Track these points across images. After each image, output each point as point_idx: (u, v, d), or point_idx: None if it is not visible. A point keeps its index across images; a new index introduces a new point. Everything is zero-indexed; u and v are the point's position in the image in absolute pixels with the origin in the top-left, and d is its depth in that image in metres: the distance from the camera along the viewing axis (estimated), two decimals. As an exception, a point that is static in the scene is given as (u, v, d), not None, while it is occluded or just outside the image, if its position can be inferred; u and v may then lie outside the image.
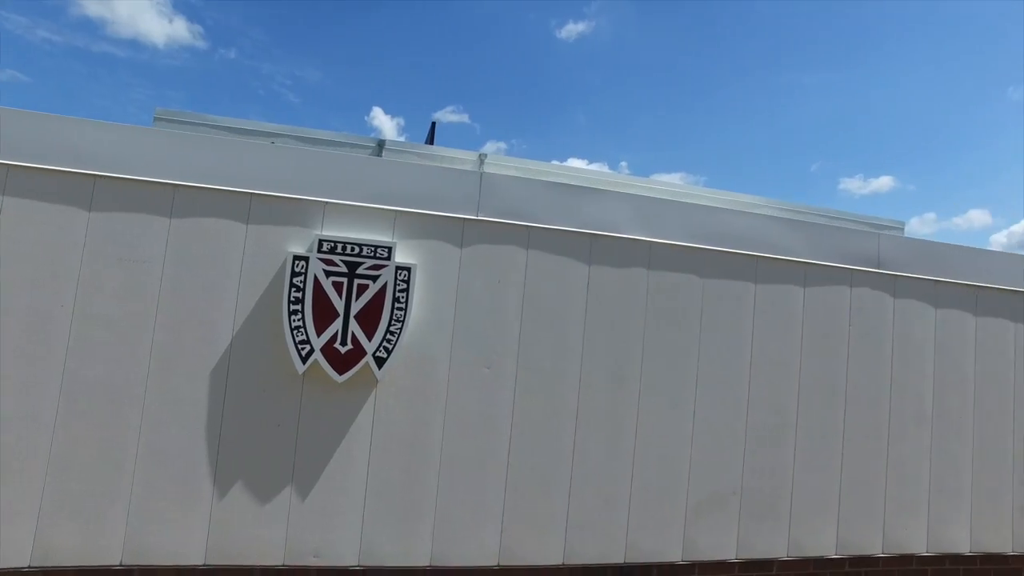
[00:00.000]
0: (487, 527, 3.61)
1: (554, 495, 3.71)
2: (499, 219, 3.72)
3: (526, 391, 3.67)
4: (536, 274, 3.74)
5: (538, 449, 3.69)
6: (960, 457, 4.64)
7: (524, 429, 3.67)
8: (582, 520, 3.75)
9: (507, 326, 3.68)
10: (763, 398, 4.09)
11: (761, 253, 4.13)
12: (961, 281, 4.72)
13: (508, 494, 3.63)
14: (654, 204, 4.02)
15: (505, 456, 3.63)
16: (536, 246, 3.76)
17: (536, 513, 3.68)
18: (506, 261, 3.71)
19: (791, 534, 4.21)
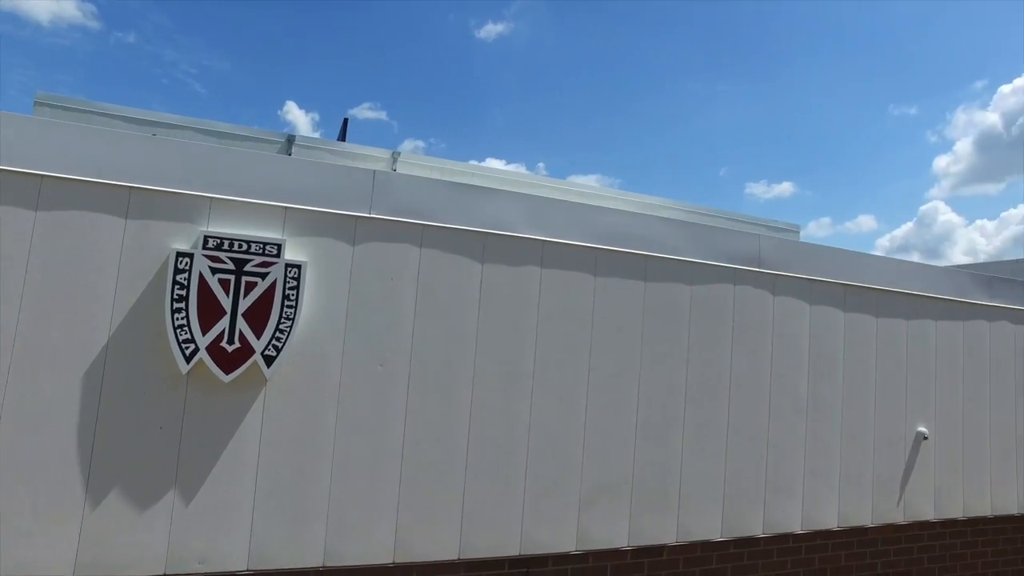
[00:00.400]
0: (382, 524, 3.61)
1: (449, 490, 3.75)
2: (393, 217, 3.73)
3: (420, 388, 3.70)
4: (430, 272, 3.78)
5: (433, 445, 3.72)
6: (830, 442, 5.01)
7: (418, 425, 3.69)
8: (477, 514, 3.81)
9: (401, 324, 3.69)
10: (652, 392, 4.29)
11: (650, 252, 4.32)
12: (833, 280, 5.10)
13: (403, 490, 3.65)
14: (547, 204, 4.14)
15: (399, 452, 3.64)
16: (430, 244, 3.80)
17: (431, 508, 3.71)
18: (400, 259, 3.73)
19: (680, 520, 4.43)
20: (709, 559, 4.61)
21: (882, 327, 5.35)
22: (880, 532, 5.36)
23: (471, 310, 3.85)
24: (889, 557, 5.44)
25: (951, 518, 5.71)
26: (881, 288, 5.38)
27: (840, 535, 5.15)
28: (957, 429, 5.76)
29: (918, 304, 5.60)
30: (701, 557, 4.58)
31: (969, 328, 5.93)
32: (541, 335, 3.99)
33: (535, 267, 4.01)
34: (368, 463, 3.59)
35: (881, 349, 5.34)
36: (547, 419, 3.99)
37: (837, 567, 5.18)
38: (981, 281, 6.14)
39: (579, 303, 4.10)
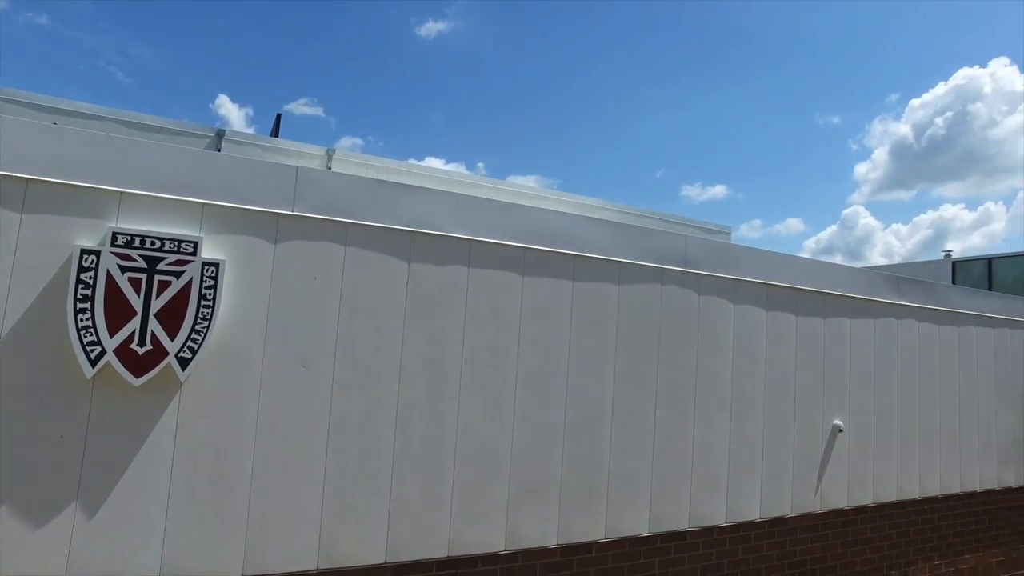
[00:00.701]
0: (305, 529, 3.51)
1: (375, 492, 3.68)
2: (317, 215, 3.64)
3: (345, 389, 3.62)
4: (355, 272, 3.70)
5: (358, 447, 3.65)
6: (753, 437, 5.19)
7: (343, 427, 3.61)
8: (404, 517, 3.75)
9: (325, 324, 3.60)
10: (580, 390, 4.33)
11: (578, 252, 4.36)
12: (755, 280, 5.28)
13: (327, 494, 3.56)
14: (475, 203, 4.12)
15: (323, 455, 3.55)
16: (356, 243, 3.72)
17: (357, 511, 3.63)
18: (324, 258, 3.64)
19: (608, 517, 4.49)
20: (637, 554, 4.69)
21: (801, 325, 5.57)
22: (799, 521, 5.58)
23: (397, 310, 3.80)
24: (807, 544, 5.67)
25: (862, 504, 6.00)
26: (800, 287, 5.60)
27: (762, 526, 5.33)
28: (868, 421, 6.06)
29: (834, 303, 5.87)
30: (629, 552, 4.66)
31: (880, 325, 6.24)
32: (469, 335, 3.97)
33: (463, 266, 3.98)
34: (290, 467, 3.49)
35: (800, 346, 5.56)
36: (475, 419, 3.97)
37: (759, 556, 5.36)
38: (891, 281, 6.48)
39: (507, 303, 4.10)
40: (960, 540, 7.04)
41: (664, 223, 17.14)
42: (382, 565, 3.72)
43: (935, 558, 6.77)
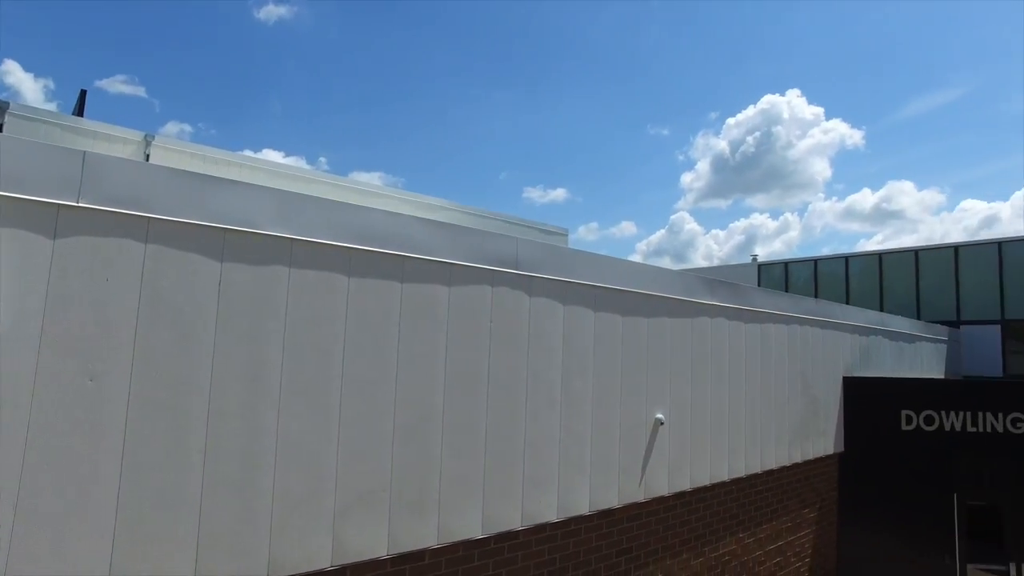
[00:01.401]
0: (93, 553, 3.08)
1: (181, 513, 3.33)
2: (109, 208, 3.22)
3: (143, 403, 3.23)
4: (158, 271, 3.33)
5: (160, 466, 3.27)
6: (582, 433, 5.39)
7: (141, 445, 3.22)
8: (216, 536, 3.43)
9: (119, 331, 3.20)
10: (409, 394, 4.23)
11: (407, 253, 4.27)
12: (584, 282, 5.50)
13: (121, 523, 3.15)
14: (297, 200, 3.88)
15: (115, 478, 3.14)
16: (158, 240, 3.34)
17: (158, 533, 3.26)
18: (119, 256, 3.23)
19: (440, 522, 4.42)
20: (471, 557, 4.68)
21: (626, 325, 5.89)
22: (625, 511, 5.89)
23: (208, 313, 3.47)
24: (633, 532, 6.01)
25: (681, 490, 6.47)
26: (626, 289, 5.93)
27: (592, 519, 5.56)
28: (686, 413, 6.56)
29: (656, 303, 6.28)
30: (463, 556, 4.63)
31: (696, 324, 6.78)
32: (290, 339, 3.73)
33: (283, 267, 3.73)
34: (74, 487, 3.04)
35: (626, 345, 5.87)
36: (297, 428, 3.74)
37: (589, 548, 5.58)
38: (706, 283, 7.07)
39: (332, 305, 3.90)
40: (759, 513, 7.85)
41: (504, 224, 17.52)
42: (189, 595, 3.36)
43: (740, 531, 7.48)
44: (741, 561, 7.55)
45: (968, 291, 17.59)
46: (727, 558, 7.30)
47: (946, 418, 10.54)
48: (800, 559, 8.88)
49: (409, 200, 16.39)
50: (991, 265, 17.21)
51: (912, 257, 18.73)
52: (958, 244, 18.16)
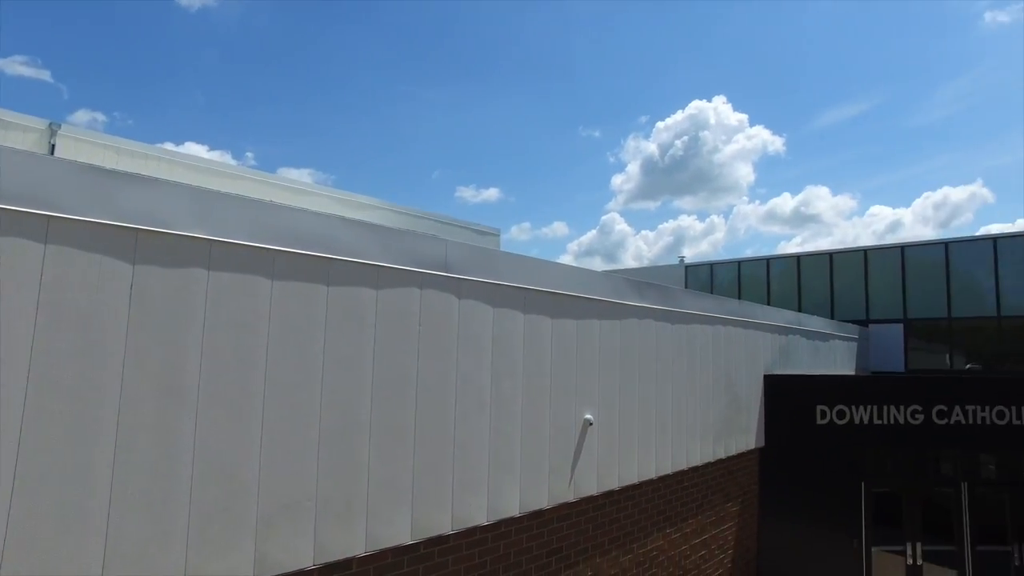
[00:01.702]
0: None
1: (83, 532, 3.12)
2: (3, 205, 2.99)
3: (41, 414, 3.02)
4: (59, 274, 3.11)
5: (60, 482, 3.06)
6: (512, 435, 5.40)
7: (38, 460, 3.00)
8: (125, 554, 3.24)
9: (14, 338, 2.97)
10: (336, 399, 4.13)
11: (334, 255, 4.16)
12: (514, 284, 5.51)
13: (11, 535, 2.93)
14: (216, 199, 3.72)
15: (6, 498, 2.92)
16: (60, 240, 3.13)
17: (54, 556, 3.04)
18: (12, 258, 3.00)
19: (368, 529, 4.33)
20: (400, 564, 4.60)
21: (556, 327, 5.94)
22: (555, 512, 5.94)
23: (118, 318, 3.27)
24: (563, 532, 6.07)
25: (610, 489, 6.59)
26: (556, 291, 5.98)
27: (522, 520, 5.58)
28: (614, 413, 6.68)
29: (586, 305, 6.36)
30: (392, 563, 4.56)
31: (625, 326, 6.92)
32: (208, 345, 3.56)
33: (201, 269, 3.57)
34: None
35: (555, 347, 5.93)
36: (216, 438, 3.58)
37: (520, 550, 5.60)
38: (634, 285, 7.22)
39: (253, 309, 3.76)
40: (686, 508, 8.08)
41: (437, 224, 17.40)
42: (95, 619, 3.16)
43: (667, 527, 7.68)
44: (668, 556, 7.76)
45: (875, 292, 18.69)
46: (655, 554, 7.48)
47: (856, 412, 11.16)
48: (723, 551, 9.20)
49: (339, 199, 16.02)
50: (895, 268, 18.35)
51: (827, 260, 19.74)
52: (867, 248, 19.27)
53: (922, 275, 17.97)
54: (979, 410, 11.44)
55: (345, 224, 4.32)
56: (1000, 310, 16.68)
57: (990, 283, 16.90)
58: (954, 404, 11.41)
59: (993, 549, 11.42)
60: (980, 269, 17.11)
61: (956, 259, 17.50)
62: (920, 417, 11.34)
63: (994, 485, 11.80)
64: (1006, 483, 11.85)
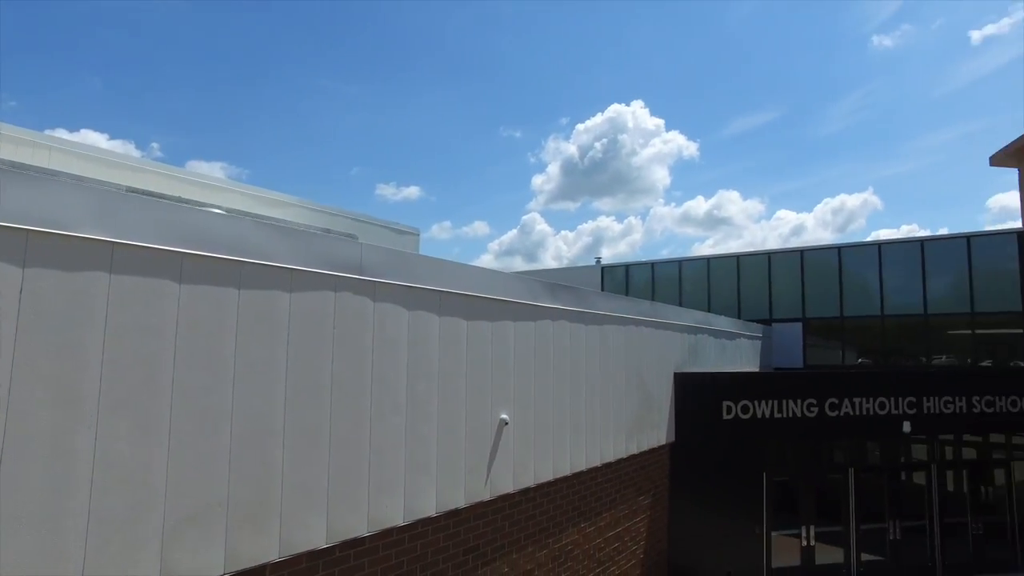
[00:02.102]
0: None
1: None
2: None
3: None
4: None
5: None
6: (427, 436, 5.46)
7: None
8: (17, 571, 3.10)
9: None
10: (248, 404, 4.07)
11: (245, 258, 4.11)
12: (429, 287, 5.58)
13: None
14: (119, 199, 3.60)
15: None
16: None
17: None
18: None
19: (282, 534, 4.30)
20: (315, 568, 4.58)
21: (471, 328, 6.05)
22: (472, 511, 6.04)
23: (6, 323, 3.12)
24: (480, 530, 6.18)
25: (526, 487, 6.75)
26: (471, 294, 6.08)
27: (439, 520, 5.65)
28: (530, 412, 6.85)
29: (500, 308, 6.50)
30: (307, 568, 4.53)
31: (539, 327, 7.11)
32: (110, 351, 3.45)
33: (102, 273, 3.45)
34: None
35: (470, 348, 6.03)
36: (118, 448, 3.47)
37: (437, 549, 5.67)
38: (547, 287, 7.42)
39: (160, 313, 3.67)
40: (599, 503, 8.38)
41: (355, 222, 17.09)
42: (-16, 640, 3.01)
43: (582, 522, 7.94)
44: (583, 549, 8.01)
45: (777, 292, 19.87)
46: (570, 548, 7.72)
47: (758, 407, 11.87)
48: (636, 543, 9.57)
49: (254, 195, 15.44)
50: (795, 270, 19.58)
51: (735, 262, 20.81)
52: (770, 251, 20.45)
53: (818, 277, 19.25)
54: (864, 402, 12.42)
55: (257, 226, 4.27)
56: (884, 310, 18.11)
57: (876, 285, 18.31)
58: (844, 397, 12.33)
59: (874, 527, 12.42)
60: (868, 272, 18.51)
61: (847, 263, 18.86)
62: (815, 410, 12.19)
63: (876, 470, 12.83)
64: (886, 468, 12.91)
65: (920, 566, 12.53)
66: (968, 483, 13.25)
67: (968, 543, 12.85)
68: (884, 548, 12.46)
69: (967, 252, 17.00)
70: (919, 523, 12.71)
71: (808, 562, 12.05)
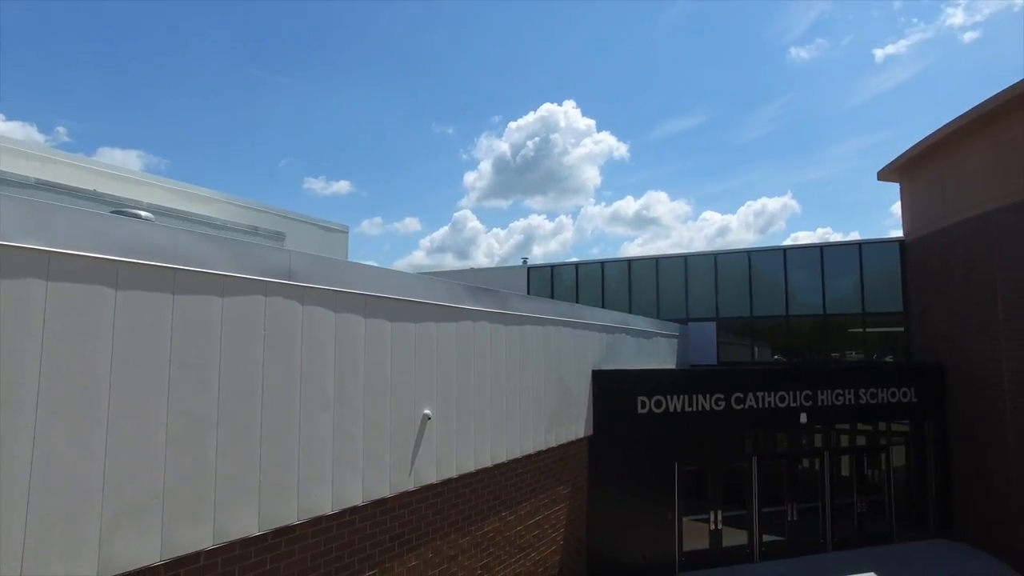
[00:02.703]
0: None
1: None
2: None
3: None
4: None
5: None
6: (354, 431, 5.85)
7: None
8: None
9: None
10: (183, 403, 4.37)
11: (180, 266, 4.40)
12: (355, 291, 5.96)
13: None
14: (54, 212, 3.83)
15: None
16: None
17: None
18: None
19: (216, 523, 4.60)
20: (248, 555, 4.90)
21: (395, 330, 6.46)
22: (397, 500, 6.45)
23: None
24: (405, 518, 6.59)
25: (448, 478, 7.21)
26: (396, 297, 6.49)
27: (365, 508, 6.03)
28: (452, 408, 7.31)
29: (423, 310, 6.93)
30: (240, 554, 4.84)
31: (460, 328, 7.58)
32: (48, 356, 3.69)
33: (39, 280, 3.69)
34: None
35: (395, 348, 6.44)
36: (56, 447, 3.71)
37: (364, 536, 6.05)
38: (469, 290, 7.90)
39: (97, 319, 3.93)
40: (520, 493, 8.92)
41: (282, 219, 16.90)
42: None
43: (503, 510, 8.46)
44: (504, 536, 8.53)
45: (693, 293, 21.06)
46: (492, 535, 8.22)
47: (671, 401, 12.73)
48: (556, 530, 10.18)
49: (179, 191, 14.97)
50: (709, 272, 20.81)
51: (654, 264, 21.89)
52: (687, 254, 21.64)
53: (731, 279, 20.53)
54: (766, 396, 13.51)
55: (192, 237, 4.55)
56: (788, 310, 19.54)
57: (782, 287, 19.71)
58: (748, 392, 13.38)
59: (774, 510, 13.53)
60: (775, 275, 19.90)
61: (756, 265, 20.20)
62: (723, 404, 13.16)
63: (777, 458, 13.96)
64: (784, 455, 14.08)
65: (813, 542, 13.73)
66: (855, 467, 14.60)
67: (854, 520, 14.17)
68: (783, 528, 13.58)
69: (859, 258, 18.58)
70: (813, 504, 13.91)
71: (716, 544, 13.01)
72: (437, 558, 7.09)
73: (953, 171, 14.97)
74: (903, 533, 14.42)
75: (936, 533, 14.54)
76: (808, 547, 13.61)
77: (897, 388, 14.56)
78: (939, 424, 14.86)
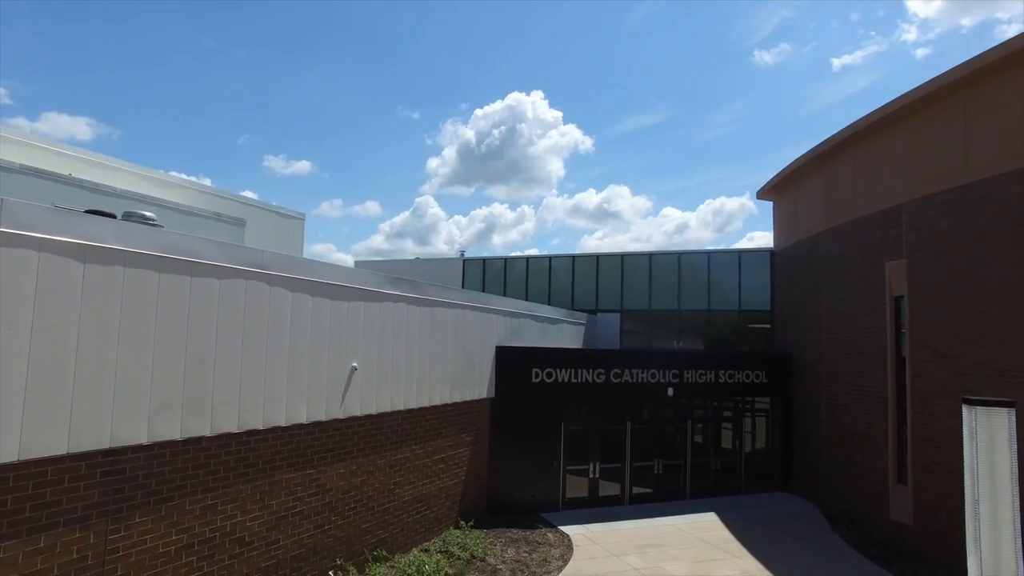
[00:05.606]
0: None
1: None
2: None
3: None
4: None
5: None
6: (302, 372, 8.61)
7: None
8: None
9: None
10: (194, 346, 7.04)
11: (194, 259, 7.06)
12: (306, 278, 8.68)
13: None
14: (134, 228, 6.49)
15: None
16: None
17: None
18: None
19: (212, 421, 7.27)
20: (230, 444, 7.60)
21: (334, 307, 9.21)
22: (331, 424, 9.21)
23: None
24: (336, 438, 9.37)
25: (369, 413, 10.03)
26: (333, 283, 9.23)
27: (308, 426, 8.76)
28: (374, 364, 10.11)
29: (355, 293, 9.68)
30: (225, 442, 7.54)
31: (383, 307, 10.36)
32: (126, 311, 6.34)
33: (119, 267, 6.31)
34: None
35: (333, 318, 9.19)
36: (107, 358, 6.37)
37: (306, 445, 8.79)
38: (390, 280, 10.69)
39: (148, 291, 6.58)
40: (427, 433, 11.80)
41: (242, 205, 18.71)
42: (15, 463, 5.85)
43: (413, 444, 11.32)
44: (413, 464, 11.39)
45: (603, 288, 24.30)
46: (403, 461, 11.06)
47: (559, 374, 15.79)
48: (459, 467, 13.09)
49: (143, 175, 15.86)
50: (616, 270, 24.08)
51: (570, 262, 25.05)
52: (599, 254, 24.87)
53: (634, 277, 23.84)
54: (640, 373, 16.74)
55: (201, 242, 7.21)
56: (680, 305, 22.95)
57: (675, 286, 23.09)
58: (624, 369, 16.57)
59: (644, 465, 16.80)
60: (670, 275, 23.27)
61: (656, 266, 23.53)
62: (603, 378, 16.30)
63: (647, 423, 17.23)
64: (654, 421, 17.36)
65: (675, 492, 17.05)
66: (713, 434, 18.02)
67: (710, 476, 17.58)
68: (651, 481, 16.85)
69: (738, 264, 22.08)
70: (677, 462, 17.24)
71: (594, 493, 16.16)
72: (360, 470, 9.91)
73: (802, 197, 18.48)
74: (750, 487, 17.91)
75: (777, 487, 18.11)
76: (670, 495, 16.92)
77: (751, 371, 18.00)
78: (784, 401, 18.41)
